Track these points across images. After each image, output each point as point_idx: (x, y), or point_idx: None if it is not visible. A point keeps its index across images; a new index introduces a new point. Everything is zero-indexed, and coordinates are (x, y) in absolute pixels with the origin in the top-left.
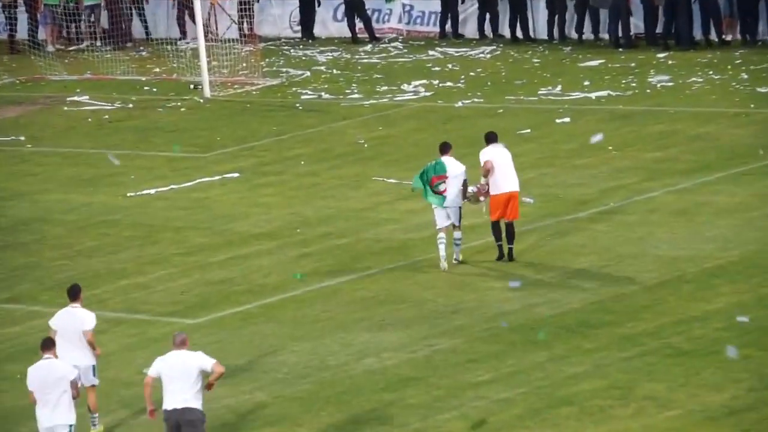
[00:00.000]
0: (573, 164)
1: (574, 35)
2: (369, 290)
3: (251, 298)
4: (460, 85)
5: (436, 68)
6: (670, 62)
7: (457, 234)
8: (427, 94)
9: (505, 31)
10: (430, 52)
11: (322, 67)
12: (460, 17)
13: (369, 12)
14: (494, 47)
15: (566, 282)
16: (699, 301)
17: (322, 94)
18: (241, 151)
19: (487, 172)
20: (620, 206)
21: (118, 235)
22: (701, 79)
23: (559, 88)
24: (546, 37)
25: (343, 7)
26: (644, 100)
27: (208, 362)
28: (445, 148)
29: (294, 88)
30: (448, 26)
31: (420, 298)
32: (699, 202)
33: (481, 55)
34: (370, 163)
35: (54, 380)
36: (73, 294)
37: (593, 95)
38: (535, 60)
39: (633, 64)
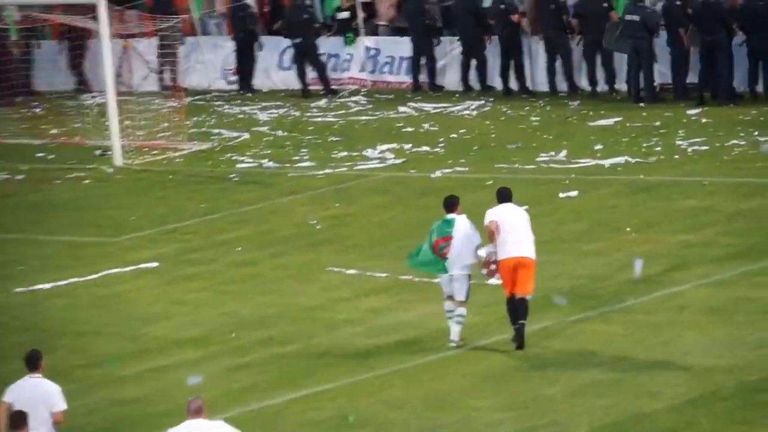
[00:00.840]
0: (581, 250)
1: (584, 86)
2: (323, 411)
3: (173, 421)
4: (438, 150)
5: (408, 129)
6: (704, 120)
7: (459, 310)
8: (397, 161)
9: (496, 82)
10: (401, 109)
11: (264, 128)
12: (439, 64)
13: (324, 58)
14: (482, 102)
15: (572, 399)
16: (740, 425)
17: (264, 161)
18: (161, 235)
19: (492, 234)
20: (640, 303)
21: (3, 341)
22: (743, 142)
23: (563, 153)
24: (547, 89)
25: (291, 52)
26: (671, 169)
27: None
28: (451, 205)
29: (228, 155)
30: (422, 76)
31: (386, 420)
32: (740, 298)
33: (466, 111)
34: (324, 249)
35: None
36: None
37: (607, 162)
38: (534, 118)
39: (657, 123)
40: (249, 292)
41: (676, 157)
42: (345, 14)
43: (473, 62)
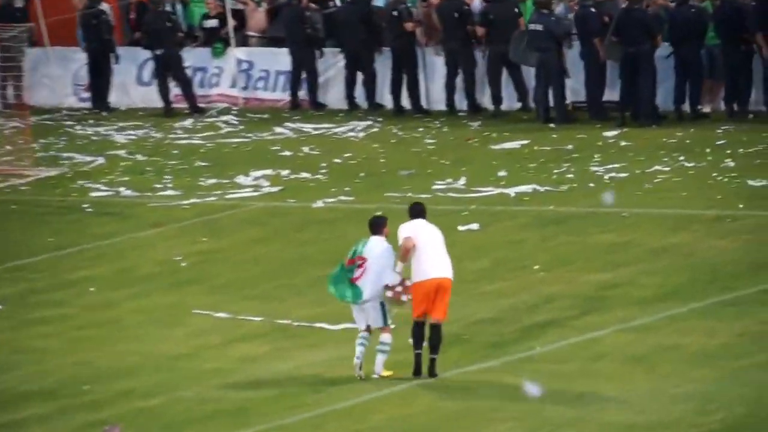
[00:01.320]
0: (482, 290)
1: (486, 105)
2: None
3: None
4: (320, 176)
5: (286, 153)
6: (623, 143)
7: (383, 337)
8: (273, 190)
9: (386, 99)
10: (278, 130)
11: (122, 152)
12: (321, 79)
13: (189, 71)
14: (369, 122)
15: None
16: None
17: (122, 190)
18: (3, 273)
19: (407, 252)
20: (550, 350)
21: None
22: (668, 168)
23: (462, 181)
24: (445, 108)
25: (151, 65)
26: (586, 199)
27: None
28: (377, 226)
29: (81, 182)
30: (302, 92)
31: None
32: (664, 345)
33: (351, 133)
34: (190, 289)
35: None
36: None
37: (512, 191)
38: (429, 140)
39: (570, 147)
40: (105, 338)
41: (591, 185)
42: (213, 22)
43: (360, 77)
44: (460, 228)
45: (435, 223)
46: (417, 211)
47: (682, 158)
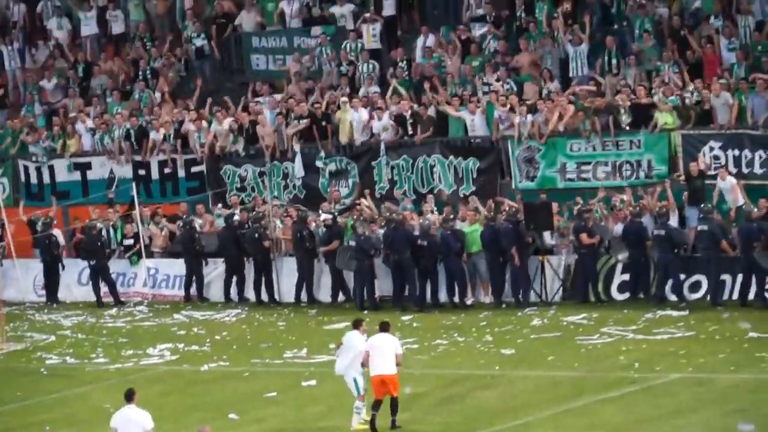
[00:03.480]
0: (319, 426)
1: (322, 298)
2: None
3: None
4: (205, 348)
5: (182, 332)
6: (415, 324)
7: (357, 402)
8: (173, 358)
9: (251, 294)
10: (176, 316)
11: (67, 332)
12: (206, 280)
13: (114, 276)
14: (239, 310)
15: None
16: None
17: (67, 358)
18: None
19: (366, 357)
20: None
21: None
22: (446, 342)
23: (304, 351)
24: (293, 300)
25: (88, 271)
26: None
27: None
28: (356, 323)
29: (39, 353)
30: (193, 289)
31: None
32: None
33: (227, 318)
34: None
35: None
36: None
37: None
38: (281, 323)
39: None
40: None
41: None
42: (130, 241)
43: (235, 278)
44: (303, 383)
45: (285, 380)
46: (381, 326)
47: (455, 335)
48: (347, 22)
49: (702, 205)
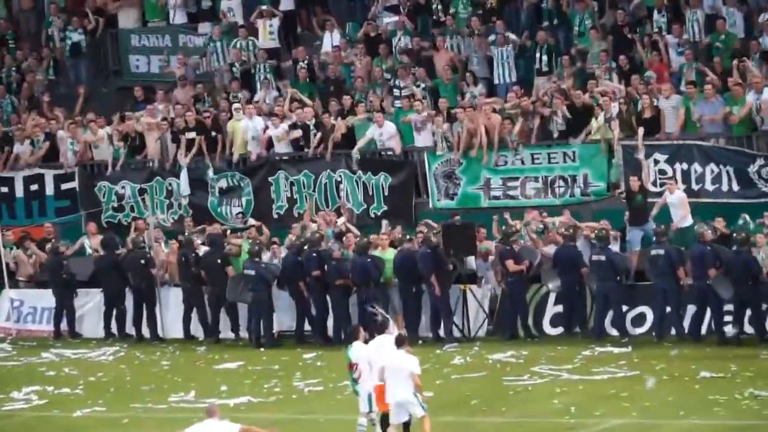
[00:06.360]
0: None
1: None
2: None
3: None
4: (78, 391)
5: (51, 373)
6: (319, 363)
7: (360, 419)
8: (41, 402)
9: (131, 329)
10: (44, 355)
11: None
12: (78, 314)
13: None
14: (117, 348)
15: None
16: None
17: None
18: None
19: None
20: None
21: None
22: None
23: (192, 394)
24: (180, 336)
25: None
26: (290, 407)
27: None
28: (353, 333)
29: None
30: (64, 324)
31: None
32: None
33: (103, 357)
34: None
35: None
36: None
37: (231, 402)
38: (165, 362)
39: (276, 366)
40: None
41: (294, 396)
42: None
43: (115, 312)
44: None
45: (171, 427)
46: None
47: None
48: (236, 16)
49: (654, 226)
